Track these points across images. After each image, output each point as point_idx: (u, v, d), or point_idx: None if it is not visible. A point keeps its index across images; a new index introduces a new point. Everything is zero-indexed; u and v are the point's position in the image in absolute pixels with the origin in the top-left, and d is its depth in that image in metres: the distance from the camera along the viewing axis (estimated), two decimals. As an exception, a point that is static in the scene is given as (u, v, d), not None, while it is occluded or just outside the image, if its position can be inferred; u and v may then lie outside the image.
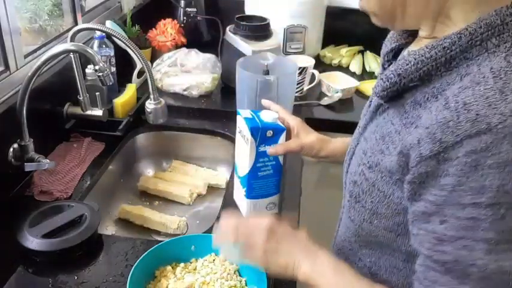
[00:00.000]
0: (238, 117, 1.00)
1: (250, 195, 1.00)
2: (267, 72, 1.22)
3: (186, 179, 1.37)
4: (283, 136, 0.97)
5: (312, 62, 1.80)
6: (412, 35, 0.71)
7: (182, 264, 0.90)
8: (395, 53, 0.75)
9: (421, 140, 0.57)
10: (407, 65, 0.61)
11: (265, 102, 1.07)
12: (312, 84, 1.69)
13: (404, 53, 0.72)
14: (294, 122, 1.01)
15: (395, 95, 0.65)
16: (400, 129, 0.64)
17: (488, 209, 0.53)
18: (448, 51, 0.58)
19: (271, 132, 0.95)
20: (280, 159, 0.99)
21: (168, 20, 1.82)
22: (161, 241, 0.92)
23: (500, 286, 0.55)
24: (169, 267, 0.90)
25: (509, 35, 0.57)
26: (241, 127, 0.99)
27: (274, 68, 1.28)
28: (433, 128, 0.55)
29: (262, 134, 0.95)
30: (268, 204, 1.02)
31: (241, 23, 1.58)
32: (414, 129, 0.60)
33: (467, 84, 0.55)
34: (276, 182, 1.01)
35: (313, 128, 1.04)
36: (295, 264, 0.72)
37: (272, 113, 0.99)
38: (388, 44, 0.76)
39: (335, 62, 1.94)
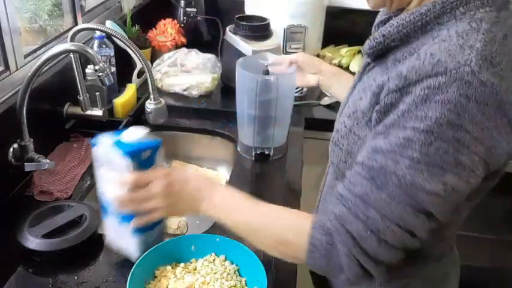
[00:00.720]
0: (95, 148, 0.85)
1: (138, 230, 0.88)
2: (267, 72, 1.22)
3: (186, 179, 1.37)
4: (159, 152, 0.87)
5: (312, 62, 1.80)
6: (400, 9, 0.81)
7: (182, 264, 0.90)
8: (385, 24, 0.82)
9: (390, 78, 0.68)
10: (391, 27, 0.72)
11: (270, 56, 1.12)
12: (312, 84, 1.69)
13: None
14: (298, 56, 1.11)
15: (379, 54, 0.75)
16: (379, 82, 0.72)
17: (423, 134, 0.63)
18: (424, 16, 0.69)
19: (149, 151, 0.85)
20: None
21: (168, 20, 1.82)
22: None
23: (407, 198, 0.65)
24: (169, 267, 0.89)
25: (474, 5, 0.67)
26: (106, 158, 0.84)
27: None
28: (402, 70, 0.66)
29: (139, 157, 0.83)
30: (159, 234, 0.93)
31: (241, 23, 1.58)
32: (378, 80, 0.71)
33: (435, 41, 0.66)
34: None
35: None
36: (200, 204, 0.83)
37: (138, 129, 0.86)
38: (379, 18, 0.87)
39: (335, 62, 1.94)
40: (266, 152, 1.29)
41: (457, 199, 0.67)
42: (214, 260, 0.92)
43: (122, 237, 0.90)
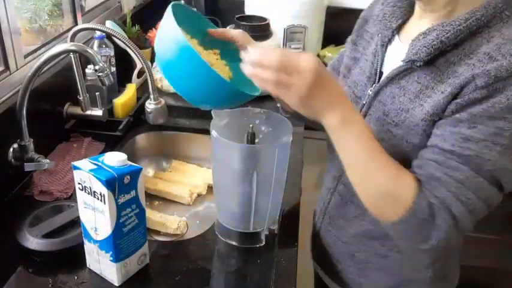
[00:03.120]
0: (76, 172, 0.83)
1: (118, 258, 0.87)
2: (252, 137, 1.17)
3: (186, 179, 1.37)
4: (141, 177, 0.85)
5: (312, 62, 1.80)
6: (410, 11, 0.89)
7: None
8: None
9: (475, 76, 0.73)
10: (447, 33, 0.77)
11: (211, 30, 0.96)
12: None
13: (417, 25, 0.85)
14: (237, 33, 0.97)
15: (429, 59, 0.79)
16: (432, 84, 0.79)
17: None
18: (479, 21, 0.76)
19: (129, 177, 0.82)
20: (142, 202, 0.87)
21: (168, 20, 1.82)
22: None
23: (497, 181, 0.74)
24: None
25: None
26: (86, 183, 0.83)
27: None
28: (489, 70, 0.71)
29: (120, 183, 0.81)
30: (140, 258, 0.91)
31: (241, 23, 1.58)
32: (456, 78, 0.75)
33: (501, 42, 0.73)
34: (143, 229, 0.90)
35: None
36: (326, 109, 0.75)
37: (117, 154, 0.84)
38: (389, 24, 0.89)
39: (335, 62, 1.94)
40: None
41: None
42: None
43: (101, 263, 0.89)
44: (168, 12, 0.81)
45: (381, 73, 0.90)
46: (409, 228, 0.77)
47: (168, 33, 0.81)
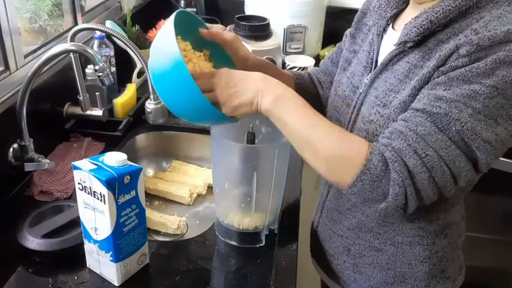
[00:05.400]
0: (76, 172, 0.83)
1: (118, 258, 0.87)
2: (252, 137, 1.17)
3: (186, 179, 1.37)
4: (141, 177, 0.85)
5: (312, 62, 1.80)
6: (405, 2, 0.91)
7: None
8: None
9: (459, 46, 0.74)
10: (437, 13, 0.78)
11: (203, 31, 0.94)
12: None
13: (411, 15, 0.84)
14: (231, 36, 0.96)
15: (420, 40, 0.80)
16: (421, 63, 0.80)
17: (488, 88, 0.71)
18: (469, 1, 0.77)
19: (129, 177, 0.82)
20: (142, 202, 0.87)
21: (168, 20, 1.82)
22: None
23: (464, 144, 0.73)
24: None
25: None
26: (86, 183, 0.83)
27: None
28: (472, 39, 0.72)
29: (120, 183, 0.81)
30: (140, 258, 0.91)
31: (241, 23, 1.58)
32: (441, 51, 0.76)
33: (489, 19, 0.74)
34: (143, 229, 0.90)
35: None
36: (258, 97, 0.80)
37: (117, 154, 0.84)
38: (384, 13, 0.91)
39: (335, 62, 1.94)
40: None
41: (501, 152, 0.75)
42: None
43: (101, 263, 0.89)
44: (170, 23, 0.80)
45: (377, 62, 0.91)
46: (365, 188, 0.75)
47: (166, 49, 0.80)
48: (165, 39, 0.80)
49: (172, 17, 0.82)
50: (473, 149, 0.73)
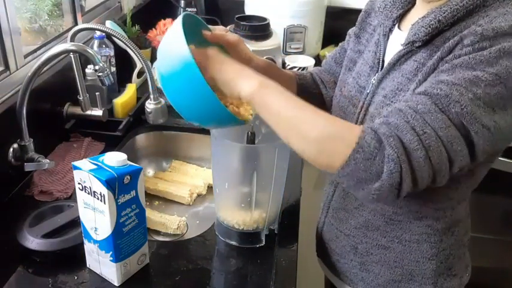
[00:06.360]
0: (76, 172, 0.83)
1: (118, 258, 0.87)
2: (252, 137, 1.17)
3: (186, 179, 1.37)
4: (141, 177, 0.85)
5: (312, 62, 1.80)
6: (411, 2, 0.92)
7: None
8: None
9: (463, 37, 0.75)
10: (445, 13, 0.79)
11: (206, 33, 0.93)
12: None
13: (418, 15, 0.85)
14: (235, 38, 0.96)
15: (428, 39, 0.82)
16: (426, 61, 0.81)
17: (491, 76, 0.72)
18: (476, 0, 0.78)
19: (129, 177, 0.82)
20: (142, 202, 0.87)
21: (168, 20, 1.82)
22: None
23: (463, 127, 0.72)
24: None
25: None
26: (86, 183, 0.83)
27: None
28: (476, 30, 0.74)
29: (120, 183, 0.81)
30: (140, 258, 0.91)
31: (241, 23, 1.58)
32: (446, 44, 0.78)
33: (495, 16, 0.76)
34: (143, 229, 0.90)
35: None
36: (240, 79, 0.79)
37: (117, 154, 0.85)
38: (390, 14, 0.92)
39: (335, 62, 1.94)
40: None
41: (497, 141, 0.75)
42: None
43: (101, 263, 0.89)
44: (178, 25, 0.80)
45: (384, 62, 0.92)
46: (359, 167, 0.71)
47: (176, 51, 0.80)
48: (174, 41, 0.80)
49: (180, 18, 0.82)
50: (471, 133, 0.71)
